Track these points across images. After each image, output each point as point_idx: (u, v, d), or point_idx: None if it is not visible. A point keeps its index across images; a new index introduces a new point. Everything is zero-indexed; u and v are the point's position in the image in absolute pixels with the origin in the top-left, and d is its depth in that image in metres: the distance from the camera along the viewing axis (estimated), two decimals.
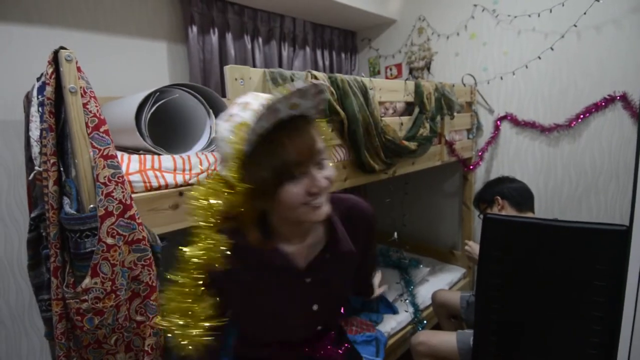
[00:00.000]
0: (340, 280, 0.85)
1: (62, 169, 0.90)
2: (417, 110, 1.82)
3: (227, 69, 1.08)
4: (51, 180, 0.86)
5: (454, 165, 2.34)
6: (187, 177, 1.04)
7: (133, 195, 0.93)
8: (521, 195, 1.54)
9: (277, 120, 0.60)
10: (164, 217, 1.00)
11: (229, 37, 2.12)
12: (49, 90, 0.84)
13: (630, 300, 0.85)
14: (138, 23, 1.89)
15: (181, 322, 0.61)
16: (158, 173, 0.99)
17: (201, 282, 0.63)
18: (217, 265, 0.62)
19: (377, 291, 1.14)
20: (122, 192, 0.89)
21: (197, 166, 1.06)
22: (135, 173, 0.96)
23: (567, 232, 1.11)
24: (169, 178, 1.01)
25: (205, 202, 0.61)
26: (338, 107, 1.37)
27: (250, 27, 2.23)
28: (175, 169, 1.03)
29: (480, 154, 2.30)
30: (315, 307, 0.80)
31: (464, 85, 2.22)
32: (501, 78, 2.19)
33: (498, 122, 2.22)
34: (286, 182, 0.63)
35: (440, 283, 2.26)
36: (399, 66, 2.70)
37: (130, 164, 0.97)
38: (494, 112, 2.26)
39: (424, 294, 2.13)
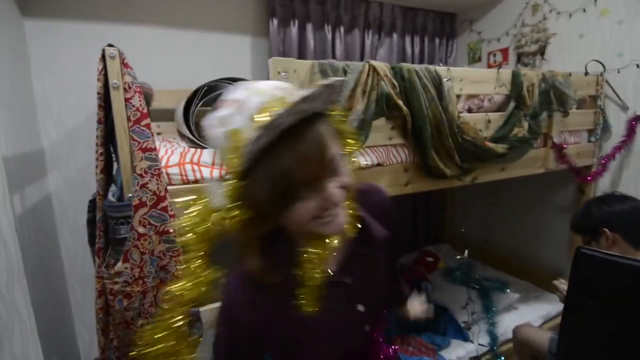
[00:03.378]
0: (380, 273, 0.76)
1: (114, 158, 0.98)
2: (512, 105, 1.51)
3: (271, 61, 1.03)
4: (98, 169, 0.94)
5: (569, 173, 1.90)
6: (223, 172, 1.03)
7: (169, 187, 0.96)
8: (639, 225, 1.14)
9: (278, 132, 0.50)
10: None
11: (309, 28, 2.08)
12: (98, 85, 0.90)
13: None
14: (225, 19, 1.98)
15: None
16: (196, 167, 1.01)
17: (185, 320, 0.60)
18: (203, 300, 0.59)
19: (415, 309, 0.98)
20: (157, 184, 0.92)
21: None
22: (174, 166, 0.99)
23: None
24: (206, 172, 1.01)
25: (194, 234, 0.56)
26: (400, 102, 1.20)
27: (332, 17, 2.15)
28: (213, 163, 1.03)
29: (603, 161, 1.81)
30: (361, 308, 0.71)
31: (587, 74, 1.76)
32: (637, 66, 1.66)
33: (633, 122, 1.71)
34: (292, 203, 0.53)
35: (531, 314, 1.88)
36: (504, 51, 2.30)
37: (171, 157, 1.01)
38: (628, 110, 1.74)
39: (508, 323, 1.79)
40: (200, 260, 0.58)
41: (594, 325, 0.89)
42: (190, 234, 0.56)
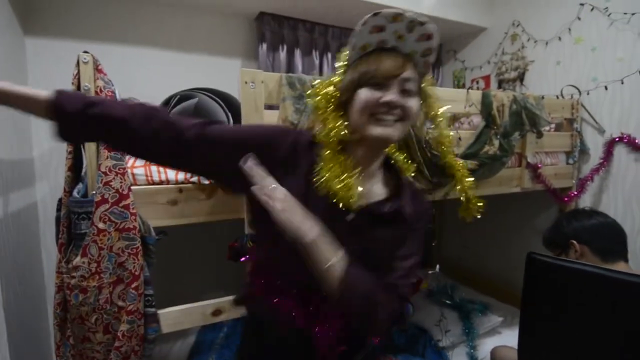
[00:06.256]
0: (381, 249, 0.74)
1: (84, 157, 1.03)
2: (482, 123, 1.55)
3: (240, 71, 1.09)
4: (66, 167, 0.98)
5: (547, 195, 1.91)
6: (188, 175, 1.07)
7: (134, 187, 1.00)
8: (606, 238, 1.14)
9: (381, 40, 0.68)
10: (161, 210, 1.04)
11: (297, 52, 2.19)
12: (72, 89, 0.97)
13: None
14: (217, 43, 2.10)
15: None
16: (161, 168, 1.05)
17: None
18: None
19: None
20: (121, 182, 0.96)
21: None
22: (140, 167, 1.03)
23: None
24: (171, 174, 1.05)
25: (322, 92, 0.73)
26: None
27: (320, 43, 2.26)
28: None
29: (582, 183, 1.82)
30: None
31: (560, 97, 1.81)
32: (605, 88, 1.71)
33: (610, 145, 1.74)
34: (364, 85, 0.68)
35: (515, 339, 1.82)
36: (486, 78, 2.38)
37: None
38: (604, 133, 1.78)
39: (490, 347, 1.74)
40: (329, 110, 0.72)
41: (548, 329, 0.88)
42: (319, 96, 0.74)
